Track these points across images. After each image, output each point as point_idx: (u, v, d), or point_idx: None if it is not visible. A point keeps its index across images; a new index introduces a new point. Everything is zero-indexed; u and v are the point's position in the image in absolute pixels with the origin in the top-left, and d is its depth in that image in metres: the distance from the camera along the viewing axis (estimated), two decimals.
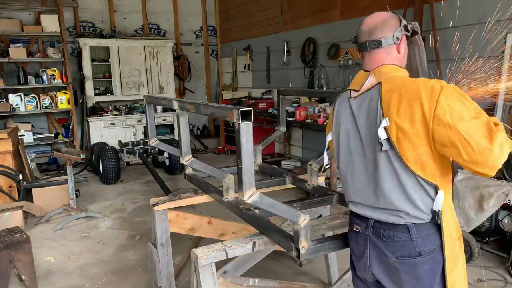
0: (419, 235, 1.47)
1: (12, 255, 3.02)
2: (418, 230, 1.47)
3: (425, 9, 4.36)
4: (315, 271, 3.35)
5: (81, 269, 3.56)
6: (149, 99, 2.62)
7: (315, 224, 2.02)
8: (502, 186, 3.19)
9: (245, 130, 1.46)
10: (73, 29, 7.85)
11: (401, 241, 1.49)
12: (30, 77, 6.90)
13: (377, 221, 1.54)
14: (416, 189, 1.44)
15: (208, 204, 2.72)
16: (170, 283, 2.56)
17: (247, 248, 1.85)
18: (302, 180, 2.59)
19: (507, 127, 1.44)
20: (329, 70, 5.97)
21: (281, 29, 7.03)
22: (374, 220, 1.55)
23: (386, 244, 1.51)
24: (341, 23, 5.70)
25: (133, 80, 7.83)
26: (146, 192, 5.80)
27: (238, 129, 1.46)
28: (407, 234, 1.48)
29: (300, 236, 1.62)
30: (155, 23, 8.65)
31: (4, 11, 6.93)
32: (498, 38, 2.75)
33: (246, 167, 1.50)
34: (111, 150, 6.33)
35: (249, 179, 1.52)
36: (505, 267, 3.23)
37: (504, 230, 3.27)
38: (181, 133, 2.27)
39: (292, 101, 6.37)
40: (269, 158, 7.03)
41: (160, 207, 2.43)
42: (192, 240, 3.94)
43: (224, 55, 9.16)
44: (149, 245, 2.62)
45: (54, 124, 7.63)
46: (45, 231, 4.44)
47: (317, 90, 6.04)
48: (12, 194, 4.85)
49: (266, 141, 2.92)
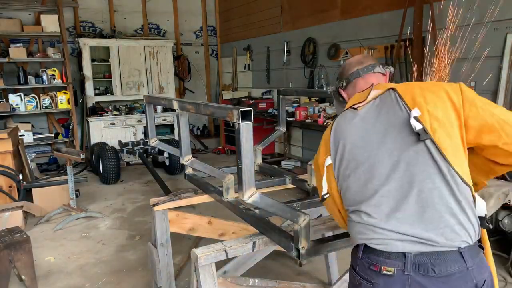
0: (474, 262, 1.20)
1: (12, 255, 3.02)
2: (471, 254, 1.20)
3: (425, 9, 4.36)
4: (315, 271, 3.35)
5: (81, 269, 3.56)
6: (149, 99, 2.62)
7: (315, 224, 2.02)
8: (502, 186, 3.19)
9: (245, 130, 1.46)
10: (73, 29, 7.85)
11: (457, 274, 1.19)
12: (30, 77, 6.90)
13: (420, 254, 1.21)
14: (462, 191, 1.22)
15: (208, 204, 2.72)
16: (170, 283, 2.56)
17: (247, 248, 1.85)
18: (302, 180, 2.59)
19: None
20: (329, 70, 5.97)
21: (281, 29, 7.03)
22: (414, 253, 1.22)
23: (437, 283, 1.19)
24: (341, 23, 5.70)
25: (133, 80, 7.83)
26: (146, 192, 5.80)
27: (238, 129, 1.46)
28: (462, 262, 1.19)
29: (300, 236, 1.61)
30: (155, 23, 8.65)
31: (4, 11, 6.93)
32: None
33: (246, 167, 1.50)
34: (111, 150, 6.33)
35: (249, 179, 1.52)
36: (505, 267, 3.23)
37: (504, 230, 3.27)
38: (181, 133, 2.27)
39: (292, 101, 6.37)
40: (269, 158, 7.04)
41: (160, 207, 2.43)
42: (192, 240, 3.94)
43: (224, 55, 9.16)
44: (149, 245, 2.62)
45: (54, 124, 7.63)
46: (45, 231, 4.44)
47: (317, 90, 6.04)
48: (12, 194, 4.84)
49: (266, 141, 2.92)
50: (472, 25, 4.05)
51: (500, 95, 3.84)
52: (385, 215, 1.27)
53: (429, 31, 3.68)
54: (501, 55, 3.83)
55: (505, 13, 3.78)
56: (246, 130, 1.46)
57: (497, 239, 3.49)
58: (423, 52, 4.51)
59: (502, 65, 3.82)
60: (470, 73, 4.15)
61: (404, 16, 4.53)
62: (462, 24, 4.19)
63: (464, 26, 4.13)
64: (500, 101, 3.84)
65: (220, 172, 2.17)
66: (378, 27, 5.10)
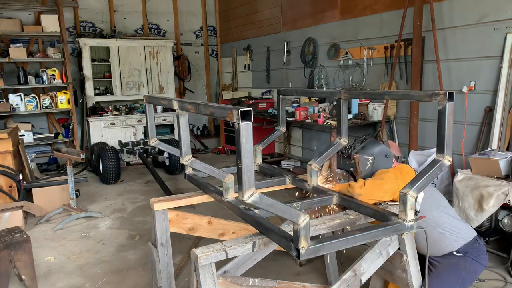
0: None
1: (12, 255, 3.02)
2: None
3: (425, 9, 4.36)
4: (315, 271, 3.36)
5: (81, 269, 3.56)
6: (149, 99, 2.62)
7: (315, 224, 2.02)
8: (502, 186, 3.19)
9: (245, 130, 1.45)
10: (73, 29, 7.85)
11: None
12: (30, 77, 6.90)
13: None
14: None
15: (208, 204, 2.72)
16: (170, 283, 2.56)
17: (247, 248, 1.85)
18: (302, 180, 2.59)
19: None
20: (329, 70, 5.97)
21: (281, 29, 7.03)
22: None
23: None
24: (341, 23, 5.70)
25: (133, 80, 7.83)
26: (146, 192, 5.80)
27: (238, 129, 1.46)
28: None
29: (300, 236, 1.61)
30: (155, 23, 8.65)
31: (4, 11, 6.94)
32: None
33: (246, 167, 1.50)
34: (111, 150, 6.33)
35: (249, 179, 1.52)
36: (505, 267, 3.23)
37: (504, 230, 3.27)
38: (181, 133, 2.27)
39: (292, 101, 6.36)
40: (269, 158, 7.04)
41: (160, 207, 2.43)
42: (192, 240, 3.94)
43: (224, 55, 9.16)
44: (149, 245, 2.62)
45: (54, 124, 7.64)
46: (45, 231, 4.44)
47: (317, 90, 6.04)
48: (12, 194, 4.85)
49: (266, 141, 2.91)
50: (472, 25, 4.07)
51: (500, 95, 3.84)
52: None
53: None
54: (501, 55, 3.83)
55: (505, 13, 3.78)
56: (246, 130, 1.45)
57: (496, 239, 3.50)
58: (423, 52, 4.51)
59: (502, 65, 3.82)
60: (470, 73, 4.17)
61: (404, 16, 4.53)
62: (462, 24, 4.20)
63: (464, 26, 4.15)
64: (500, 101, 3.84)
65: (220, 172, 2.17)
66: (378, 27, 5.10)
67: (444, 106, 1.74)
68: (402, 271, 2.13)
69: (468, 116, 4.12)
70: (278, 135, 2.97)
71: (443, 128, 1.77)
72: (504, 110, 3.83)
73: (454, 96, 1.72)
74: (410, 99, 3.35)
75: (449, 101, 1.73)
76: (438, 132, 1.80)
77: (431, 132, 4.45)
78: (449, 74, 4.32)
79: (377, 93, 2.41)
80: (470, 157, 3.58)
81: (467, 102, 4.11)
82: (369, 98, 4.96)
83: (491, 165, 3.37)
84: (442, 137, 1.79)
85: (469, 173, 3.50)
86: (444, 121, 1.76)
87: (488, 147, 3.89)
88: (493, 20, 3.88)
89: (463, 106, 4.12)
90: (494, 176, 3.35)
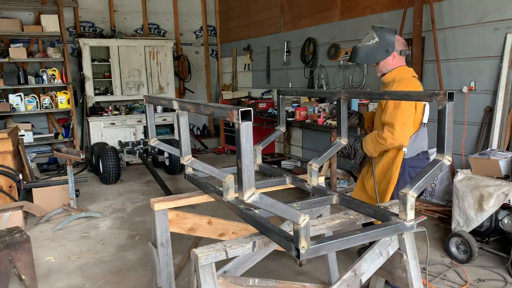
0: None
1: (12, 255, 3.02)
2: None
3: (425, 9, 4.36)
4: (315, 271, 3.36)
5: (81, 269, 3.56)
6: (149, 99, 2.62)
7: (315, 224, 2.02)
8: (502, 186, 3.20)
9: (245, 130, 1.45)
10: (73, 29, 7.85)
11: None
12: (30, 77, 6.90)
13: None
14: None
15: (208, 204, 2.72)
16: (170, 283, 2.56)
17: (247, 248, 1.85)
18: (302, 180, 2.59)
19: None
20: (329, 70, 5.97)
21: (281, 29, 7.03)
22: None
23: None
24: (341, 23, 5.70)
25: (133, 80, 7.83)
26: (146, 192, 5.81)
27: (238, 129, 1.46)
28: None
29: (300, 236, 1.62)
30: (155, 23, 8.65)
31: (4, 11, 6.94)
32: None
33: (246, 167, 1.50)
34: (111, 150, 6.33)
35: (249, 179, 1.52)
36: (505, 267, 3.23)
37: (504, 230, 3.27)
38: (181, 133, 2.27)
39: (292, 101, 6.37)
40: (269, 158, 7.04)
41: (160, 207, 2.43)
42: (192, 240, 3.94)
43: (224, 55, 9.16)
44: (149, 245, 2.62)
45: (54, 124, 7.64)
46: (45, 231, 4.44)
47: (317, 90, 6.04)
48: (12, 194, 4.85)
49: (266, 141, 2.92)
50: (472, 25, 4.07)
51: (500, 95, 3.84)
52: None
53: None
54: (501, 55, 3.83)
55: (505, 13, 3.78)
56: (246, 130, 1.45)
57: (497, 239, 3.50)
58: (423, 52, 4.51)
59: (502, 65, 3.82)
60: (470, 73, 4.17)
61: (404, 16, 4.53)
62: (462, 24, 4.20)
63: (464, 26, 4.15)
64: (500, 101, 3.84)
65: (220, 172, 2.17)
66: None
67: (444, 106, 1.74)
68: (402, 271, 2.13)
69: (468, 116, 4.13)
70: (278, 135, 2.97)
71: (443, 128, 1.77)
72: (504, 110, 3.83)
73: (454, 96, 1.72)
74: (410, 99, 3.34)
75: (449, 101, 1.73)
76: (438, 132, 1.80)
77: (431, 132, 4.44)
78: (449, 74, 4.32)
79: (377, 93, 2.41)
80: (470, 157, 3.58)
81: (467, 102, 4.11)
82: (369, 98, 4.94)
83: (491, 165, 3.38)
84: (442, 137, 1.79)
85: (469, 173, 3.50)
86: (444, 121, 1.76)
87: (488, 147, 3.89)
88: (493, 20, 3.88)
89: (463, 106, 4.12)
90: (494, 176, 3.35)
